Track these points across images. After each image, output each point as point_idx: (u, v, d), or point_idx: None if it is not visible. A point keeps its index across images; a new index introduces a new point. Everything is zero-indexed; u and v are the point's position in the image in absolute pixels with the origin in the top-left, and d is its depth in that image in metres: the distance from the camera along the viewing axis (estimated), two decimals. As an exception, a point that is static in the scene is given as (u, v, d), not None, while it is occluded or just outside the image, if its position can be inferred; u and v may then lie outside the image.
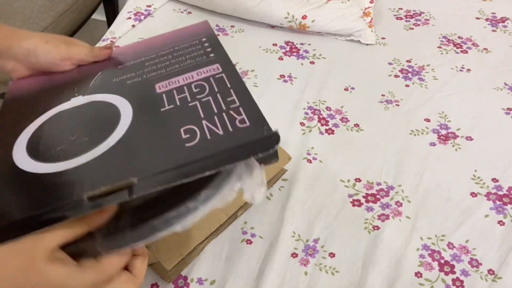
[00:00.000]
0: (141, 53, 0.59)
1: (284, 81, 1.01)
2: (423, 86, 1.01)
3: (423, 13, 1.24)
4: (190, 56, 0.56)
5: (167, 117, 0.47)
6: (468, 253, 0.72)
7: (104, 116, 0.49)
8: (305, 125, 0.91)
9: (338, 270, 0.69)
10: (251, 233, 0.73)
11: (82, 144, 0.45)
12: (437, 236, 0.74)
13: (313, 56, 1.08)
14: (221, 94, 0.48)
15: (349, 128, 0.91)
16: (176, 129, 0.44)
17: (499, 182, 0.82)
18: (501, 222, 0.76)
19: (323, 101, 0.97)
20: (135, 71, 0.55)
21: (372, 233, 0.74)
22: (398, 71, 1.05)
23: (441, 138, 0.89)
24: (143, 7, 1.19)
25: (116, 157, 0.43)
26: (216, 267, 0.68)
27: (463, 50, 1.12)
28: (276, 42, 1.12)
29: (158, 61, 0.56)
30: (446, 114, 0.94)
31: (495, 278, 0.69)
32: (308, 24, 1.12)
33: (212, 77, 0.51)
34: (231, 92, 0.48)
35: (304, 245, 0.72)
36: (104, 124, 0.47)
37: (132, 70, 0.56)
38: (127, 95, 0.51)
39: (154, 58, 0.57)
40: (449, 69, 1.06)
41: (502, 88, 1.01)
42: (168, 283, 0.67)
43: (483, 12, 1.25)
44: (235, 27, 1.16)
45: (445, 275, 0.69)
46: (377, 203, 0.78)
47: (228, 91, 0.49)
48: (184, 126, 0.45)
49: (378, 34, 1.16)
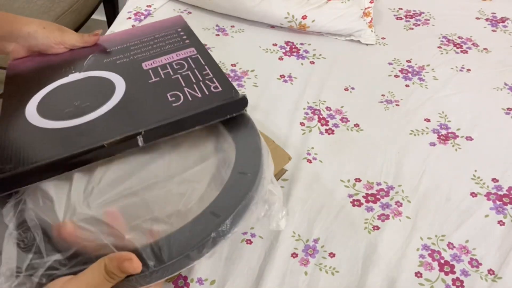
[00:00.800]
0: (126, 40, 0.68)
1: (284, 81, 1.01)
2: (423, 86, 1.01)
3: (423, 13, 1.24)
4: (169, 42, 0.66)
5: (155, 86, 0.56)
6: (468, 253, 0.72)
7: (100, 87, 0.57)
8: (305, 125, 0.91)
9: (338, 270, 0.69)
10: (251, 233, 0.73)
11: (86, 107, 0.53)
12: (437, 236, 0.74)
13: (313, 56, 1.08)
14: (197, 69, 0.59)
15: (349, 128, 0.91)
16: (163, 94, 0.54)
17: (499, 182, 0.82)
18: (501, 222, 0.76)
19: (323, 101, 0.97)
20: (122, 54, 0.64)
21: (372, 233, 0.74)
22: (398, 71, 1.05)
23: (441, 138, 0.89)
24: (143, 7, 1.19)
25: (119, 114, 0.52)
26: (216, 267, 0.68)
27: (463, 50, 1.12)
28: (276, 42, 1.12)
29: (141, 46, 0.66)
30: (446, 114, 0.94)
31: (495, 278, 0.69)
32: (308, 24, 1.12)
33: (189, 57, 0.62)
34: (205, 68, 0.59)
35: (304, 245, 0.72)
36: (102, 93, 0.56)
37: (120, 53, 0.65)
38: (118, 71, 0.60)
39: (138, 44, 0.66)
40: (449, 69, 1.06)
41: (502, 88, 1.01)
42: (168, 283, 0.67)
43: (483, 12, 1.25)
44: (235, 27, 1.16)
45: (445, 275, 0.69)
46: (377, 203, 0.78)
47: (203, 67, 0.59)
48: (170, 92, 0.55)
49: (378, 34, 1.16)
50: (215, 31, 1.14)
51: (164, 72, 0.59)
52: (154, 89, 0.56)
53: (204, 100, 0.53)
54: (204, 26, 1.14)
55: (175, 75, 0.58)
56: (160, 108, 0.52)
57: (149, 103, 0.54)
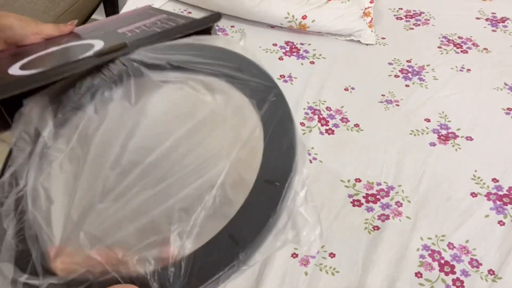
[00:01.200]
0: (99, 27, 0.70)
1: (284, 81, 1.01)
2: (423, 86, 1.01)
3: (423, 13, 1.24)
4: (140, 17, 0.68)
5: (133, 37, 0.58)
6: (468, 253, 0.72)
7: (82, 48, 0.58)
8: (305, 125, 0.91)
9: (338, 270, 0.69)
10: (251, 233, 0.73)
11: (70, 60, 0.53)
12: (437, 236, 0.74)
13: (313, 56, 1.08)
14: (171, 23, 0.60)
15: (349, 128, 0.91)
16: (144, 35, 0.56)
17: (499, 182, 0.82)
18: (501, 222, 0.76)
19: (323, 101, 0.97)
20: (98, 32, 0.67)
21: (372, 233, 0.74)
22: (398, 71, 1.05)
23: (441, 138, 0.89)
24: (143, 7, 1.19)
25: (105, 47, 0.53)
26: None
27: (463, 50, 1.12)
28: (276, 42, 1.12)
29: (115, 27, 0.67)
30: (446, 114, 0.94)
31: (495, 278, 0.69)
32: (308, 24, 1.11)
33: (160, 20, 0.63)
34: (178, 21, 0.59)
35: (304, 245, 0.72)
36: (84, 48, 0.56)
37: (95, 31, 0.67)
38: (97, 38, 0.61)
39: (112, 26, 0.69)
40: (449, 69, 1.06)
41: (502, 88, 1.01)
42: (168, 283, 0.66)
43: (483, 12, 1.25)
44: (235, 27, 1.16)
45: (445, 275, 0.69)
46: (377, 203, 0.78)
47: (176, 21, 0.60)
48: (150, 33, 0.56)
49: (378, 34, 1.16)
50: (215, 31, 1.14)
51: (140, 30, 0.61)
52: (133, 37, 0.59)
53: (183, 22, 0.58)
54: (204, 26, 1.14)
55: (149, 28, 0.60)
56: (144, 35, 0.57)
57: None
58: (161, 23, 0.63)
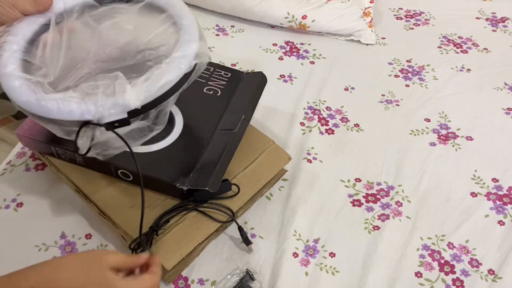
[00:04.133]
0: None
1: (284, 81, 1.01)
2: (423, 86, 1.01)
3: (423, 13, 1.24)
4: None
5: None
6: (468, 253, 0.72)
7: None
8: (305, 125, 0.91)
9: (339, 270, 0.69)
10: (251, 233, 0.73)
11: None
12: (437, 236, 0.74)
13: (313, 56, 1.08)
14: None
15: (349, 128, 0.91)
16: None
17: (499, 182, 0.82)
18: (501, 222, 0.76)
19: (323, 101, 0.97)
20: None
21: (372, 233, 0.74)
22: (398, 71, 1.05)
23: (441, 138, 0.89)
24: (143, 7, 1.19)
25: None
26: (216, 268, 0.68)
27: (463, 50, 1.12)
28: (276, 42, 1.12)
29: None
30: (446, 114, 0.94)
31: (495, 278, 0.69)
32: (308, 24, 1.12)
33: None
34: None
35: (305, 245, 0.72)
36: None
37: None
38: None
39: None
40: (449, 69, 1.06)
41: (502, 88, 1.01)
42: (168, 284, 0.67)
43: (483, 12, 1.25)
44: (235, 27, 1.16)
45: (445, 275, 0.69)
46: (377, 203, 0.78)
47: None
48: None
49: (378, 34, 1.16)
50: (215, 31, 1.14)
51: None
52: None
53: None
54: (204, 26, 1.14)
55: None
56: None
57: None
58: None
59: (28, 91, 0.55)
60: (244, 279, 0.66)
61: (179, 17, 0.63)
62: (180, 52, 0.58)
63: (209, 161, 0.67)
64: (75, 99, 0.54)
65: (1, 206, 0.75)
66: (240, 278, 0.66)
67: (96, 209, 0.68)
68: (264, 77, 0.79)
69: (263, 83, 0.79)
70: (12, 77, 0.56)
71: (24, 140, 0.74)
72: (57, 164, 0.73)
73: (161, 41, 0.61)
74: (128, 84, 0.54)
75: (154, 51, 0.61)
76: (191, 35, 0.60)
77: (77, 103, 0.53)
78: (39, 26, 0.62)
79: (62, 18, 0.63)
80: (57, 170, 0.73)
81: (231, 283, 0.66)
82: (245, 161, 0.74)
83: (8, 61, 0.57)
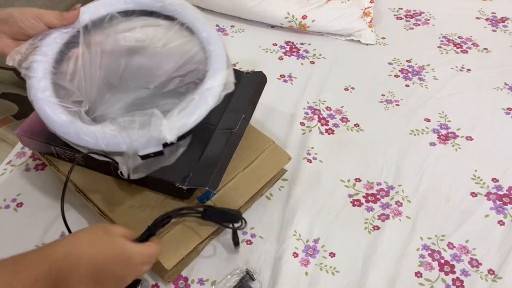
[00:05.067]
0: None
1: (284, 81, 1.01)
2: (423, 86, 1.01)
3: (423, 13, 1.24)
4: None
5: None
6: (468, 253, 0.72)
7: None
8: (305, 125, 0.91)
9: (339, 270, 0.69)
10: (251, 233, 0.73)
11: None
12: (437, 236, 0.74)
13: (313, 56, 1.08)
14: None
15: (349, 128, 0.91)
16: None
17: (499, 182, 0.82)
18: (501, 222, 0.76)
19: (323, 101, 0.97)
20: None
21: (372, 233, 0.74)
22: (398, 71, 1.05)
23: (441, 138, 0.89)
24: (143, 7, 1.19)
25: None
26: (216, 268, 0.68)
27: (463, 50, 1.12)
28: (276, 42, 1.12)
29: None
30: (446, 114, 0.94)
31: (495, 278, 0.69)
32: (308, 24, 1.11)
33: None
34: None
35: (305, 245, 0.72)
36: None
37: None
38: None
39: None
40: (449, 69, 1.06)
41: (502, 88, 1.01)
42: (168, 284, 0.67)
43: (483, 12, 1.25)
44: (235, 27, 1.16)
45: (445, 275, 0.69)
46: (377, 203, 0.78)
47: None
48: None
49: (378, 34, 1.16)
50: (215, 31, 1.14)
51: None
52: None
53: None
54: (204, 26, 1.14)
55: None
56: None
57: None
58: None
59: (66, 122, 0.57)
60: (244, 279, 0.66)
61: (208, 42, 0.64)
62: (209, 84, 0.60)
63: (209, 160, 0.67)
64: (112, 131, 0.56)
65: (1, 206, 0.75)
66: (240, 278, 0.66)
67: (96, 209, 0.68)
68: (264, 77, 0.79)
69: (263, 83, 0.79)
70: (48, 104, 0.57)
71: (24, 140, 0.74)
72: (57, 164, 0.73)
73: (190, 67, 0.64)
74: (164, 119, 0.56)
75: (185, 77, 0.64)
76: (220, 64, 0.62)
77: (115, 137, 0.56)
78: (66, 41, 0.62)
79: (89, 32, 0.63)
80: (57, 170, 0.73)
81: (231, 283, 0.66)
82: (245, 161, 0.74)
83: (41, 85, 0.58)
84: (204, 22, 0.66)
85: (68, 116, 0.57)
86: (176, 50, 0.65)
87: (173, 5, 0.66)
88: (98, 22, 0.64)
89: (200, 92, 0.59)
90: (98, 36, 0.64)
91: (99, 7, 0.65)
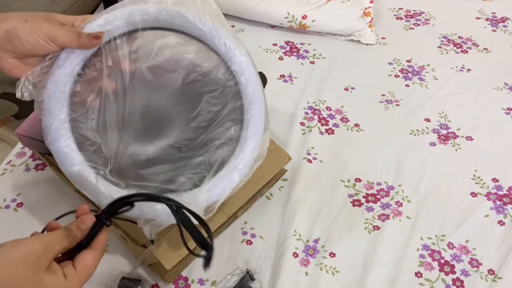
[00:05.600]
0: None
1: (284, 81, 1.01)
2: (423, 86, 1.01)
3: (423, 13, 1.24)
4: None
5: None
6: (468, 253, 0.72)
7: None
8: (305, 125, 0.91)
9: (339, 270, 0.69)
10: (251, 234, 0.73)
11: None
12: (437, 236, 0.74)
13: (313, 56, 1.08)
14: None
15: (349, 128, 0.91)
16: None
17: (499, 182, 0.82)
18: (501, 222, 0.76)
19: (323, 101, 0.97)
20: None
21: (372, 233, 0.74)
22: (398, 71, 1.05)
23: (441, 138, 0.89)
24: (143, 7, 1.19)
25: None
26: (216, 268, 0.68)
27: (463, 50, 1.12)
28: (276, 42, 1.12)
29: None
30: (446, 114, 0.94)
31: (495, 278, 0.69)
32: (308, 24, 1.12)
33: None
34: None
35: (305, 245, 0.72)
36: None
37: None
38: None
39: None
40: (449, 69, 1.06)
41: (502, 88, 1.01)
42: (168, 284, 0.67)
43: (483, 12, 1.25)
44: (235, 27, 1.16)
45: (445, 275, 0.69)
46: (377, 203, 0.78)
47: None
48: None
49: (378, 34, 1.16)
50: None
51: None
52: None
53: None
54: (204, 26, 1.14)
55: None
56: None
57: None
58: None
59: (88, 181, 0.51)
60: (244, 279, 0.66)
61: (249, 102, 0.61)
62: (241, 159, 0.55)
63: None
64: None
65: (1, 206, 0.75)
66: (240, 278, 0.66)
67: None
68: (264, 77, 0.79)
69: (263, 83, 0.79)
70: (68, 157, 0.52)
71: (24, 140, 0.74)
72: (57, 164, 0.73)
73: (224, 129, 0.57)
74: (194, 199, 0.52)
75: (218, 140, 0.57)
76: (256, 130, 0.57)
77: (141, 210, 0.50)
78: (84, 63, 0.53)
79: (111, 52, 0.54)
80: (57, 170, 0.73)
81: (231, 283, 0.66)
82: (245, 161, 0.74)
83: (59, 133, 0.51)
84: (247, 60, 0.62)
85: (90, 174, 0.51)
86: (211, 106, 0.58)
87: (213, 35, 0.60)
88: (116, 44, 0.54)
89: (227, 170, 0.54)
90: (123, 63, 0.54)
91: (133, 15, 0.53)
